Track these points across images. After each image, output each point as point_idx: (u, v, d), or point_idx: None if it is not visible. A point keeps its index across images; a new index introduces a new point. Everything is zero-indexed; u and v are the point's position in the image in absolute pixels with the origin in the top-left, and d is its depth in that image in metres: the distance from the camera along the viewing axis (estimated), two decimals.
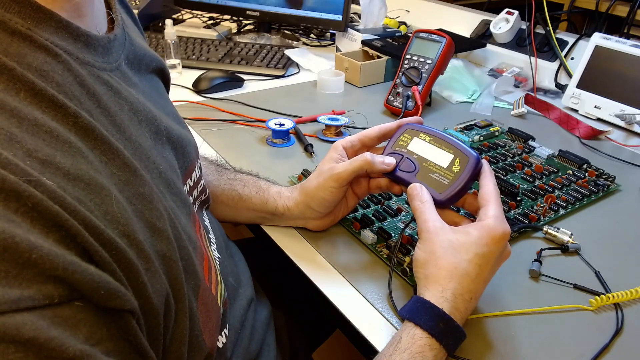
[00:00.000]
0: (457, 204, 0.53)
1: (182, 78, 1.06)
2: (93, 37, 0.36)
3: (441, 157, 0.52)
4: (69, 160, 0.29)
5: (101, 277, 0.27)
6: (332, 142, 0.76)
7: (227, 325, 0.48)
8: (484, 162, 0.52)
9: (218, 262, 0.49)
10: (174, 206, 0.39)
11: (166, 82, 0.53)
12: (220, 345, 0.45)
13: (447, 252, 0.46)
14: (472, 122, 0.90)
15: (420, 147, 0.54)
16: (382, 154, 0.55)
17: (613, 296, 0.51)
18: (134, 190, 0.34)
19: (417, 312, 0.44)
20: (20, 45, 0.30)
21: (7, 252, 0.24)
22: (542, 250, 0.59)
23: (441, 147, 0.53)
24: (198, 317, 0.39)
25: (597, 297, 0.51)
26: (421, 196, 0.50)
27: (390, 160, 0.54)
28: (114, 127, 0.35)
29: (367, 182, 0.58)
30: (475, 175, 0.51)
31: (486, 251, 0.46)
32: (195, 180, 0.51)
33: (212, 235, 0.52)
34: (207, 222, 0.53)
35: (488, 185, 0.50)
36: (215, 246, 0.51)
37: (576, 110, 0.98)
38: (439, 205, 0.51)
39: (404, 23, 1.36)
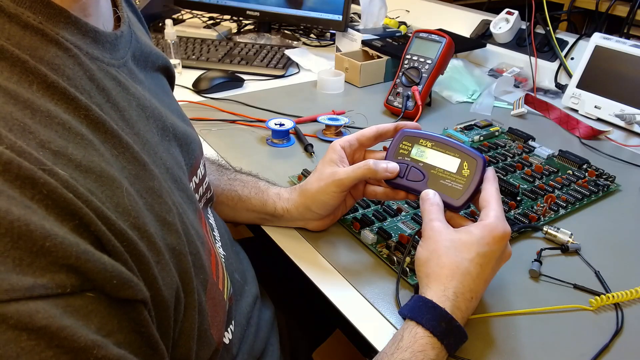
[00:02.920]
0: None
1: (182, 78, 1.06)
2: (101, 33, 0.37)
3: (448, 163, 0.52)
4: (80, 152, 0.29)
5: (114, 267, 0.27)
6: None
7: (233, 322, 0.49)
8: (489, 168, 0.52)
9: (223, 259, 0.50)
10: (182, 202, 0.40)
11: (171, 80, 0.54)
12: (226, 341, 0.45)
13: (449, 251, 0.46)
14: (472, 122, 0.90)
15: (423, 154, 0.54)
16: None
17: (613, 296, 0.51)
18: (144, 184, 0.34)
19: (419, 311, 0.44)
20: (32, 38, 0.31)
21: (22, 240, 0.24)
22: (542, 250, 0.59)
23: (445, 151, 0.53)
24: (206, 311, 0.39)
25: (597, 297, 0.51)
26: (432, 200, 0.50)
27: (394, 167, 0.54)
28: (124, 121, 0.35)
29: (363, 185, 0.58)
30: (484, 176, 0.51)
31: (487, 250, 0.46)
32: (201, 177, 0.51)
33: (216, 233, 0.52)
34: (211, 220, 0.53)
35: (490, 188, 0.50)
36: (220, 243, 0.51)
37: (576, 110, 0.98)
38: (455, 210, 0.51)
39: (404, 23, 1.36)
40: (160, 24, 1.29)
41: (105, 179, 0.30)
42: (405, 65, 0.93)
